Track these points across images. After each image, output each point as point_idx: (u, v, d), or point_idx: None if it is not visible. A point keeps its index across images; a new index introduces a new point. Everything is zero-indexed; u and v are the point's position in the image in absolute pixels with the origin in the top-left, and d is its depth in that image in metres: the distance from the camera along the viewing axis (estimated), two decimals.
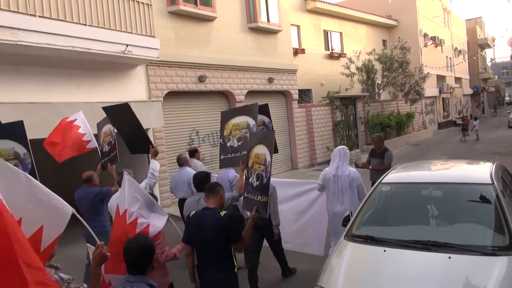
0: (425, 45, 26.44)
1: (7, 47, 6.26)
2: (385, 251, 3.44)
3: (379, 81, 20.67)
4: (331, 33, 19.81)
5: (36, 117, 6.73)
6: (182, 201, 6.38)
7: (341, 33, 20.45)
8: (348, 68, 18.70)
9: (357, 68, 19.14)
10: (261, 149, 3.88)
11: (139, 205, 3.25)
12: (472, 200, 3.92)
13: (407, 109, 23.21)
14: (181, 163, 6.64)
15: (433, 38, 27.61)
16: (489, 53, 54.01)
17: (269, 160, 3.75)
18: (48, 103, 7.34)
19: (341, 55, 19.63)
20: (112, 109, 5.29)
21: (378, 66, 20.00)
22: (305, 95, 17.37)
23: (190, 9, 10.49)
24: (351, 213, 4.41)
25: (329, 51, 19.38)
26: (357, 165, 7.46)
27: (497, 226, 3.56)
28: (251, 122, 4.75)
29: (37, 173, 4.29)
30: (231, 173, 5.87)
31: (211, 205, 3.52)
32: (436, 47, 28.87)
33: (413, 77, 21.24)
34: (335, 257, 3.63)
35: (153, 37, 8.70)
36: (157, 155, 5.06)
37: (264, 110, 5.41)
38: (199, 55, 10.91)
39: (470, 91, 40.19)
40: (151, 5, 8.71)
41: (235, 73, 12.13)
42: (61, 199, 2.49)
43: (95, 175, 5.42)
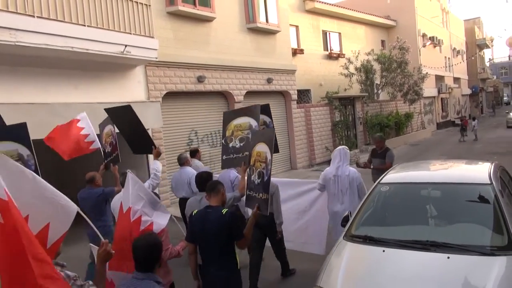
0: (424, 45, 26.48)
1: (5, 47, 6.26)
2: (384, 251, 3.45)
3: (377, 81, 20.70)
4: (329, 34, 19.83)
5: (34, 117, 6.70)
6: (182, 200, 6.40)
7: (339, 34, 20.48)
8: (347, 68, 18.71)
9: (356, 68, 19.17)
10: (262, 147, 3.93)
11: (143, 203, 3.27)
12: (470, 200, 3.93)
13: (405, 109, 23.24)
14: (182, 162, 6.65)
15: (432, 38, 27.65)
16: (487, 53, 54.21)
17: (269, 158, 3.79)
18: (46, 103, 7.33)
19: (340, 56, 19.65)
20: (114, 111, 5.32)
21: (376, 66, 20.03)
22: (304, 95, 17.38)
23: (188, 9, 10.49)
24: (350, 213, 4.42)
25: (328, 51, 19.40)
26: (358, 165, 7.46)
27: (496, 226, 3.57)
28: (253, 123, 4.77)
29: (40, 174, 4.29)
30: (232, 173, 5.90)
31: (213, 203, 3.56)
32: (434, 47, 28.91)
33: (411, 77, 21.27)
34: (334, 257, 3.64)
35: (152, 37, 8.69)
36: (160, 156, 5.09)
37: (265, 109, 5.43)
38: (198, 55, 10.91)
39: (468, 91, 40.25)
40: (149, 5, 8.70)
41: (234, 74, 12.13)
42: (66, 197, 2.55)
43: (98, 176, 5.44)
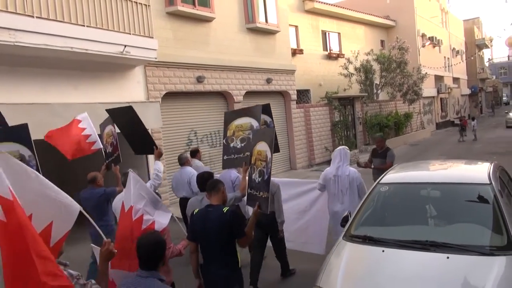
0: (423, 46, 26.50)
1: (5, 48, 6.26)
2: (383, 251, 3.45)
3: (377, 81, 20.70)
4: (329, 34, 19.84)
5: (34, 118, 6.67)
6: (183, 200, 6.42)
7: (339, 34, 20.48)
8: (346, 68, 18.72)
9: (355, 68, 19.17)
10: (262, 146, 3.97)
11: (145, 202, 3.27)
12: (470, 200, 3.93)
13: (405, 109, 23.25)
14: (182, 162, 6.65)
15: (431, 38, 27.67)
16: (486, 53, 54.27)
17: (269, 156, 3.84)
18: (46, 104, 7.32)
19: (339, 56, 19.66)
20: (115, 111, 5.35)
21: (376, 66, 20.04)
22: (303, 95, 17.38)
23: (188, 9, 10.49)
24: (350, 213, 4.42)
25: (327, 51, 19.40)
26: (359, 165, 7.48)
27: (495, 226, 3.57)
28: (255, 123, 4.79)
29: (41, 174, 4.32)
30: (233, 173, 5.93)
31: (213, 202, 3.58)
32: (434, 47, 28.92)
33: (411, 78, 21.28)
34: (333, 257, 3.64)
35: (151, 37, 8.69)
36: (161, 156, 5.12)
37: (266, 109, 5.46)
38: (197, 55, 10.90)
39: (468, 91, 40.28)
40: (149, 5, 8.70)
41: (233, 74, 12.12)
42: (69, 197, 2.56)
43: (99, 176, 5.46)
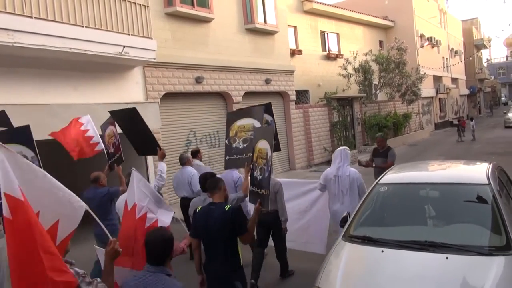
0: (422, 46, 26.53)
1: (3, 48, 6.25)
2: (382, 251, 3.45)
3: (376, 81, 20.72)
4: (328, 34, 19.86)
5: (33, 119, 6.66)
6: (183, 200, 6.46)
7: (338, 34, 20.50)
8: (345, 69, 18.72)
9: (354, 69, 19.18)
10: (263, 144, 4.04)
11: (148, 200, 3.29)
12: (469, 200, 3.94)
13: (404, 109, 23.28)
14: (183, 162, 6.67)
15: (430, 38, 27.71)
16: (485, 54, 54.33)
17: (269, 154, 3.90)
18: (45, 104, 7.31)
19: (338, 56, 19.67)
20: (119, 113, 5.41)
21: (375, 67, 20.05)
22: (302, 96, 17.39)
23: (187, 10, 10.49)
24: (349, 213, 4.43)
25: (326, 52, 19.42)
26: (360, 163, 7.51)
27: (494, 226, 3.58)
28: (257, 124, 4.82)
29: None
30: (235, 174, 5.99)
31: (215, 200, 3.65)
32: (432, 47, 28.96)
33: (409, 78, 21.30)
34: (333, 258, 3.65)
35: (150, 38, 8.69)
36: (164, 157, 5.16)
37: (267, 108, 5.51)
38: (196, 56, 10.90)
39: (466, 92, 40.34)
40: (148, 6, 8.70)
41: (232, 74, 12.13)
42: (75, 195, 2.59)
43: (102, 176, 5.49)
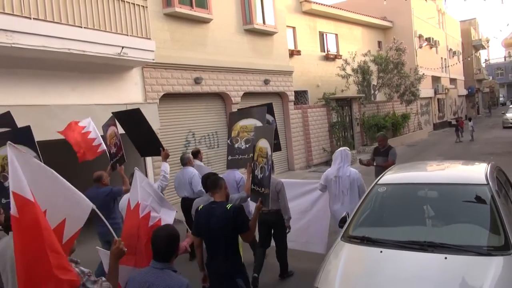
0: (420, 46, 26.57)
1: (2, 49, 6.23)
2: (381, 252, 3.46)
3: (374, 82, 20.73)
4: (326, 35, 19.87)
5: (32, 120, 6.67)
6: (184, 200, 6.49)
7: (336, 35, 20.52)
8: (343, 69, 18.74)
9: (353, 69, 19.18)
10: (263, 143, 4.06)
11: (151, 199, 3.31)
12: (467, 200, 3.95)
13: (402, 110, 23.30)
14: (185, 162, 6.68)
15: (428, 39, 27.75)
16: (483, 54, 54.47)
17: (269, 153, 3.92)
18: (44, 105, 7.31)
19: (336, 57, 19.69)
20: (121, 114, 5.44)
21: (373, 67, 20.06)
22: (301, 96, 17.40)
23: (185, 11, 10.49)
24: (348, 214, 4.44)
25: (324, 52, 19.43)
26: (361, 162, 7.53)
27: (493, 226, 3.59)
28: (259, 124, 4.84)
29: None
30: (237, 174, 6.03)
31: (217, 199, 3.70)
32: (431, 48, 29.01)
33: (408, 78, 21.32)
34: (332, 258, 3.65)
35: (149, 39, 8.69)
36: (168, 158, 5.20)
37: (268, 109, 5.56)
38: (195, 57, 10.90)
39: (465, 92, 40.42)
40: (146, 7, 8.70)
41: (231, 75, 12.13)
42: (82, 195, 2.62)
43: (105, 175, 5.52)
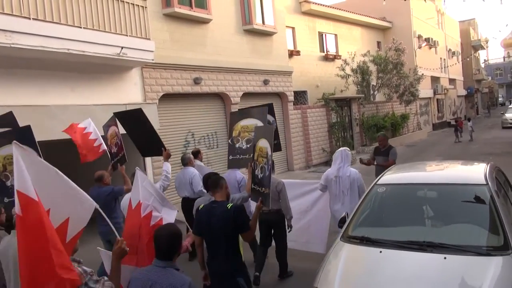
0: (419, 47, 26.59)
1: (1, 49, 6.23)
2: (381, 252, 3.46)
3: (374, 82, 20.75)
4: (326, 35, 19.89)
5: (31, 120, 6.66)
6: (185, 200, 6.51)
7: (336, 35, 20.53)
8: (343, 69, 18.76)
9: (352, 69, 19.20)
10: (263, 143, 4.08)
11: (153, 198, 3.32)
12: (467, 200, 3.95)
13: (401, 110, 23.32)
14: (185, 162, 6.69)
15: (427, 39, 27.78)
16: (482, 55, 54.52)
17: (269, 153, 3.94)
18: (43, 106, 7.30)
19: (336, 57, 19.70)
20: (123, 114, 5.47)
21: (372, 67, 20.08)
22: (300, 96, 17.41)
23: (185, 11, 10.49)
24: (347, 214, 4.44)
25: (324, 53, 19.44)
26: (362, 161, 7.55)
27: (492, 226, 3.59)
28: (260, 125, 4.84)
29: None
30: (238, 174, 6.06)
31: (218, 198, 3.70)
32: (430, 48, 29.04)
33: (407, 79, 21.34)
34: (331, 258, 3.65)
35: (148, 39, 8.68)
36: (170, 157, 5.22)
37: (269, 109, 5.55)
38: (194, 57, 10.90)
39: (464, 92, 40.46)
40: (146, 7, 8.69)
41: (230, 75, 12.13)
42: (85, 194, 2.63)
43: (106, 174, 5.54)
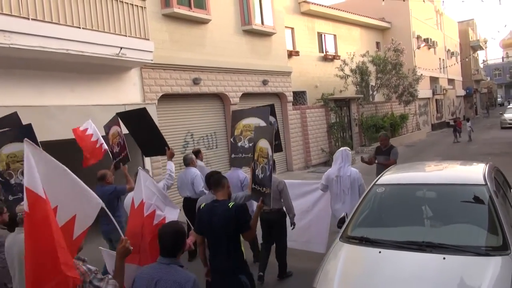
0: (418, 47, 26.62)
1: (0, 50, 6.23)
2: (380, 252, 3.46)
3: (373, 83, 20.76)
4: (325, 35, 19.89)
5: (30, 120, 6.64)
6: (186, 200, 6.52)
7: (335, 35, 20.54)
8: (342, 70, 18.77)
9: (351, 70, 19.21)
10: (264, 143, 4.09)
11: (155, 198, 3.34)
12: (465, 201, 3.95)
13: (401, 110, 23.33)
14: (187, 163, 6.71)
15: (426, 40, 27.81)
16: (481, 55, 54.62)
17: (270, 154, 3.95)
18: (42, 106, 7.30)
19: (335, 57, 19.71)
20: (126, 114, 5.49)
21: (372, 68, 20.09)
22: (299, 97, 17.41)
23: (184, 11, 10.49)
24: (346, 214, 4.45)
25: (323, 53, 19.45)
26: (363, 160, 7.58)
27: (491, 226, 3.60)
28: (262, 124, 4.85)
29: None
30: (241, 174, 6.12)
31: (219, 197, 3.71)
32: (429, 49, 29.07)
33: (406, 79, 21.36)
34: (330, 259, 3.65)
35: (147, 39, 8.68)
36: (173, 156, 5.25)
37: (271, 110, 5.55)
38: (194, 57, 10.90)
39: (463, 93, 40.51)
40: (145, 7, 8.69)
41: (229, 76, 12.13)
42: (92, 192, 2.68)
43: (109, 173, 5.57)
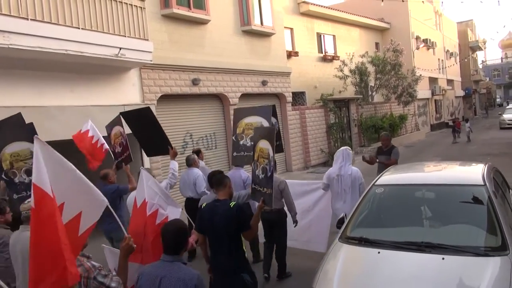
0: (417, 48, 26.65)
1: None
2: (379, 252, 3.47)
3: (372, 83, 20.78)
4: (324, 36, 19.90)
5: (30, 121, 6.65)
6: (188, 200, 6.53)
7: (334, 36, 20.55)
8: (341, 70, 18.77)
9: (350, 70, 19.22)
10: (264, 144, 4.09)
11: (158, 197, 3.36)
12: (464, 201, 3.96)
13: (400, 111, 23.35)
14: (190, 163, 6.73)
15: (425, 40, 27.85)
16: (480, 56, 54.72)
17: (271, 154, 3.95)
18: (41, 106, 7.30)
19: (334, 58, 19.72)
20: (129, 114, 5.49)
21: (371, 68, 20.11)
22: (298, 97, 17.41)
23: (183, 12, 10.49)
24: (346, 215, 4.45)
25: (322, 53, 19.45)
26: (364, 159, 7.63)
27: (490, 227, 3.60)
28: (265, 123, 4.87)
29: None
30: (243, 173, 6.16)
31: (221, 197, 3.73)
32: (428, 49, 29.10)
33: (405, 80, 21.39)
34: (329, 259, 3.65)
35: (147, 40, 8.68)
36: (176, 156, 5.28)
37: (272, 110, 5.56)
38: (193, 58, 10.90)
39: (462, 93, 40.56)
40: (144, 8, 8.69)
41: (229, 76, 12.13)
42: (98, 190, 2.71)
43: (111, 173, 5.59)
